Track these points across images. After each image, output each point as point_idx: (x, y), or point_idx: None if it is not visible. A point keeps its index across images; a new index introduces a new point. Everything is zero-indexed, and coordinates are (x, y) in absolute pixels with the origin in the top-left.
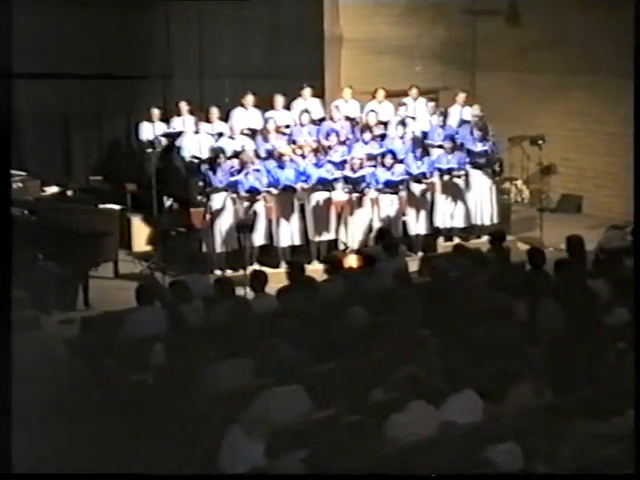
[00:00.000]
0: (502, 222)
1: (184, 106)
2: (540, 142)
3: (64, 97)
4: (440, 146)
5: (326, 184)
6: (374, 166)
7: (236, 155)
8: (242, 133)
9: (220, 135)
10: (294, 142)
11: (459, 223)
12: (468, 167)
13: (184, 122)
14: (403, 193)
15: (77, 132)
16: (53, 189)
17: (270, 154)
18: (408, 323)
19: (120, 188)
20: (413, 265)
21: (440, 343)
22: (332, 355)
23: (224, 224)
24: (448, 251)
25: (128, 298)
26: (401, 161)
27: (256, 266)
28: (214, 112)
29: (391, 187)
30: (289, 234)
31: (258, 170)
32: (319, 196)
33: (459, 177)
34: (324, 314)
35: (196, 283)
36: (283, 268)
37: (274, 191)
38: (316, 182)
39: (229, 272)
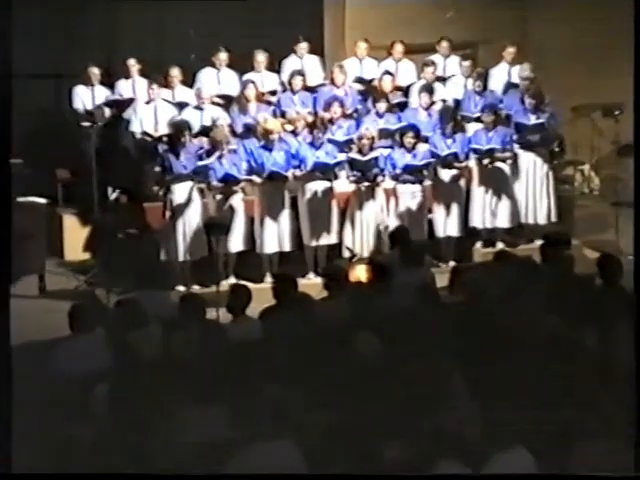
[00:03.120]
0: (563, 221)
1: (134, 65)
2: (616, 113)
3: None
4: (478, 119)
5: (326, 170)
6: (390, 147)
7: (205, 132)
8: (213, 102)
9: (183, 105)
10: (283, 115)
11: (504, 222)
12: (516, 147)
13: (134, 86)
14: (428, 182)
15: None
16: None
17: (251, 130)
18: (435, 356)
19: (48, 175)
20: (442, 279)
21: (477, 383)
22: (333, 398)
23: (190, 224)
24: (488, 260)
25: (59, 323)
26: (426, 140)
27: (233, 280)
28: (175, 74)
29: (413, 174)
30: (277, 237)
31: (235, 152)
32: (317, 186)
33: (504, 161)
34: (323, 344)
35: (152, 303)
36: (269, 282)
37: (257, 180)
38: (313, 168)
39: (197, 288)
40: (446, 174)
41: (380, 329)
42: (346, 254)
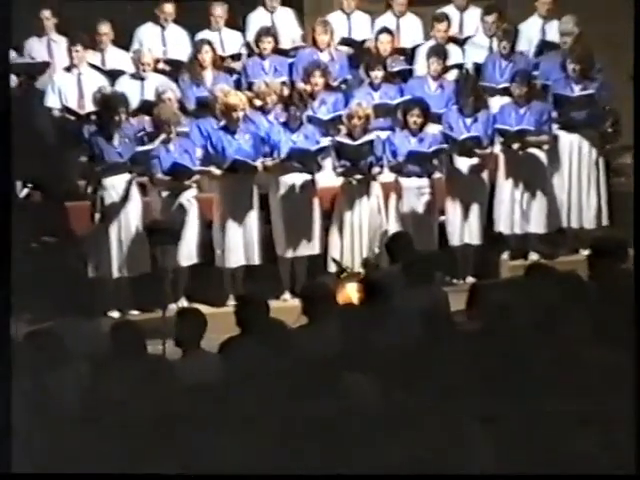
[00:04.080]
0: (617, 225)
1: (49, 18)
2: None
3: None
4: (506, 91)
5: (306, 159)
6: (390, 128)
7: (147, 108)
8: (157, 69)
9: (117, 73)
10: (249, 86)
11: (538, 227)
12: (555, 127)
13: (50, 47)
14: (440, 175)
15: None
16: None
17: (207, 107)
18: (448, 400)
19: None
20: (457, 300)
21: (504, 433)
22: (314, 461)
23: (127, 230)
24: (519, 276)
25: None
26: (437, 119)
27: (184, 303)
28: (105, 31)
29: (419, 164)
30: (242, 247)
31: (187, 135)
32: (294, 180)
33: (539, 146)
34: (303, 386)
35: (76, 333)
36: (231, 306)
37: (215, 171)
38: (289, 156)
39: (135, 313)
40: (464, 164)
41: (376, 368)
42: (332, 268)
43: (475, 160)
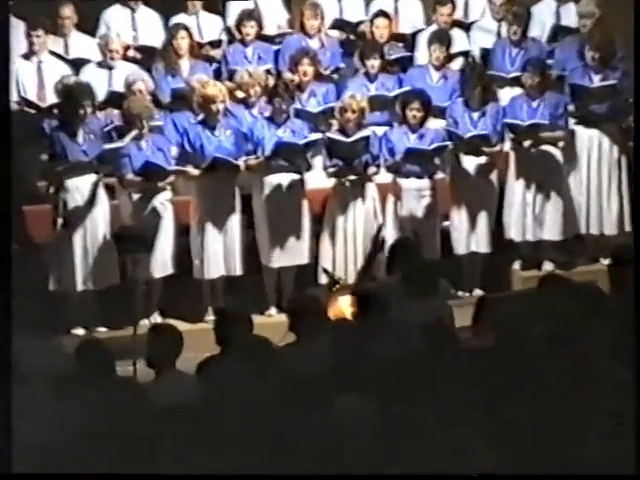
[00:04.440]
0: None
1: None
2: None
3: None
4: (516, 81)
5: (294, 157)
6: (387, 123)
7: (116, 101)
8: (126, 57)
9: (82, 62)
10: (230, 76)
11: (553, 233)
12: (572, 122)
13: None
14: (443, 175)
15: None
16: None
17: (184, 99)
18: (454, 425)
19: None
20: (463, 315)
21: (517, 465)
22: None
23: (93, 237)
24: (531, 288)
25: None
26: (440, 112)
27: (157, 318)
28: (68, 14)
29: (420, 163)
30: (222, 255)
31: (161, 131)
32: (280, 180)
33: (554, 142)
34: (290, 412)
35: (36, 354)
36: (210, 321)
37: (193, 171)
38: (274, 153)
39: (103, 330)
40: (469, 163)
41: (372, 391)
42: (323, 280)
43: (482, 159)
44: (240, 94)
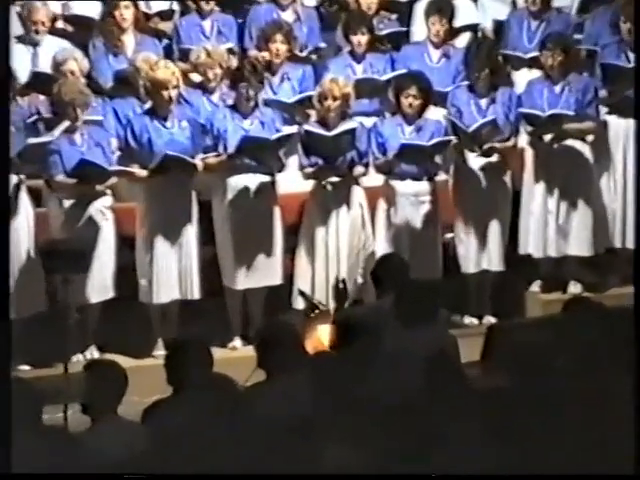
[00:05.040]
0: None
1: None
2: None
3: None
4: (536, 61)
5: (263, 154)
6: (377, 113)
7: (42, 85)
8: (54, 30)
9: None
10: (185, 55)
11: (581, 247)
12: (603, 111)
13: None
14: (445, 176)
15: None
16: None
17: (126, 83)
18: None
19: None
20: (470, 347)
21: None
22: None
23: (15, 253)
24: (553, 314)
25: None
26: (441, 99)
27: (95, 353)
28: None
29: (417, 162)
30: (175, 275)
31: (99, 122)
32: (246, 182)
33: (582, 137)
34: (259, 465)
35: None
36: (160, 356)
37: (139, 172)
38: (239, 149)
39: (27, 369)
40: (477, 162)
41: (358, 439)
42: (299, 304)
43: (493, 157)
44: (197, 77)
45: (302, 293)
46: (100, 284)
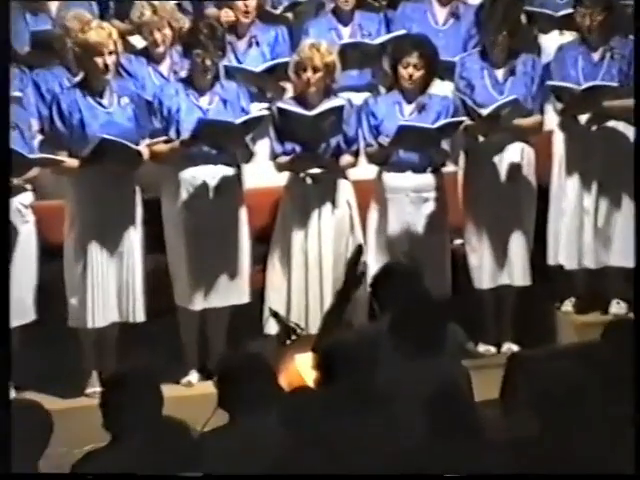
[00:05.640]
0: None
1: None
2: None
3: None
4: (568, 22)
5: (225, 140)
6: (370, 87)
7: None
8: None
9: None
10: (124, 13)
11: (625, 258)
12: None
13: None
14: (454, 168)
15: None
16: None
17: (50, 49)
18: None
19: None
20: (485, 380)
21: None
22: None
23: None
24: (592, 340)
25: None
26: (449, 70)
27: (12, 392)
28: None
29: (419, 149)
30: (114, 292)
31: (17, 100)
32: (204, 175)
33: (626, 117)
34: None
35: None
36: (95, 394)
37: (69, 161)
38: (194, 134)
39: None
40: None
41: None
42: (272, 328)
43: (516, 145)
44: (140, 42)
45: (275, 314)
46: (18, 304)
